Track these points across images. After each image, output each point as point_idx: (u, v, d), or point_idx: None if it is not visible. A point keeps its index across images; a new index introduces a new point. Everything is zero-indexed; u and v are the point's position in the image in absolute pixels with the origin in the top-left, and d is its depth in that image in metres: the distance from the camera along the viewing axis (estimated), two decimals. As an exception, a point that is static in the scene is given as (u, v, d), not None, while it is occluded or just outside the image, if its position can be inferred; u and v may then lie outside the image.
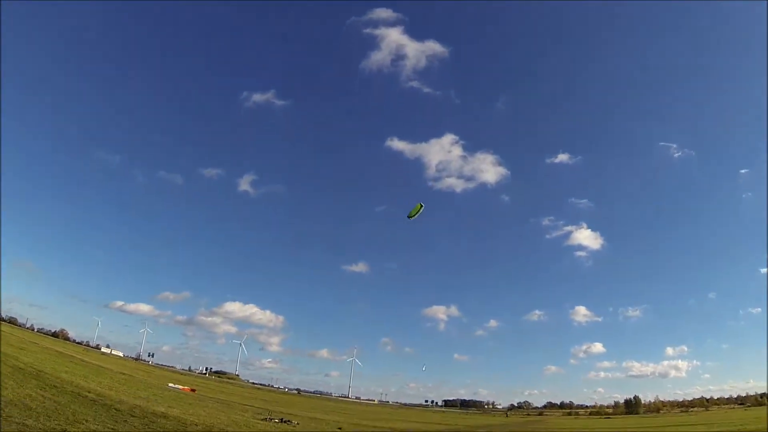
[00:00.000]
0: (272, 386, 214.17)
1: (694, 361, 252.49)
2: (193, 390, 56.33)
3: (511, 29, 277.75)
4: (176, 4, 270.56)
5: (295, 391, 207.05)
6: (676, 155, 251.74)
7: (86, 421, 17.09)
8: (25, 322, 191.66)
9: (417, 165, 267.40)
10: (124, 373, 58.12)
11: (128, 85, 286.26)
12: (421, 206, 30.07)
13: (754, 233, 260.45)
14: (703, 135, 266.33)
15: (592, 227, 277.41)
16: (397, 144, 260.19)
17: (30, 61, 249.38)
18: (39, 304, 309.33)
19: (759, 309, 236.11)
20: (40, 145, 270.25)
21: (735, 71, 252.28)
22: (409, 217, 30.58)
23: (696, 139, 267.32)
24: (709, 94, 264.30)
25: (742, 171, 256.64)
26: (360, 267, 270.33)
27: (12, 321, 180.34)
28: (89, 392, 26.81)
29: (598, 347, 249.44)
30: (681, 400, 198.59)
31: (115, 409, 22.15)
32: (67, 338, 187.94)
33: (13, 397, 18.36)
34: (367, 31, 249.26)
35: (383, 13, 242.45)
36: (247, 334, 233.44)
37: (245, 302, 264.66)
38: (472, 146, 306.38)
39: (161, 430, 19.24)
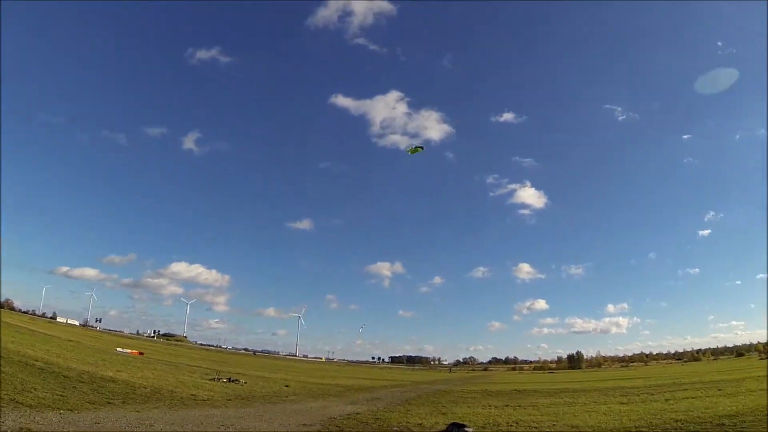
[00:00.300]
0: (220, 347, 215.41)
1: (635, 318, 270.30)
2: (141, 353, 57.18)
3: None
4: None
5: (249, 352, 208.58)
6: (621, 118, 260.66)
7: (34, 389, 18.06)
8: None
9: (362, 121, 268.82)
10: (71, 340, 58.17)
11: (67, 44, 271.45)
12: (422, 148, 31.25)
13: (694, 197, 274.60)
14: (648, 100, 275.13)
15: (536, 186, 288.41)
16: (342, 100, 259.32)
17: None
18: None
19: (696, 269, 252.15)
20: None
21: (681, 37, 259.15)
22: (410, 152, 31.85)
23: (640, 104, 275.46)
24: (655, 60, 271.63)
25: (685, 137, 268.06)
26: (304, 224, 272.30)
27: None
28: (36, 360, 27.46)
29: (541, 304, 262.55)
30: (622, 355, 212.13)
31: (64, 376, 23.11)
32: (12, 308, 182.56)
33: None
34: None
35: None
36: (193, 295, 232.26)
37: (191, 262, 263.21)
38: (417, 103, 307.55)
39: (110, 393, 20.34)
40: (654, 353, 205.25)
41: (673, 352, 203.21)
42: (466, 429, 17.55)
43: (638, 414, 22.08)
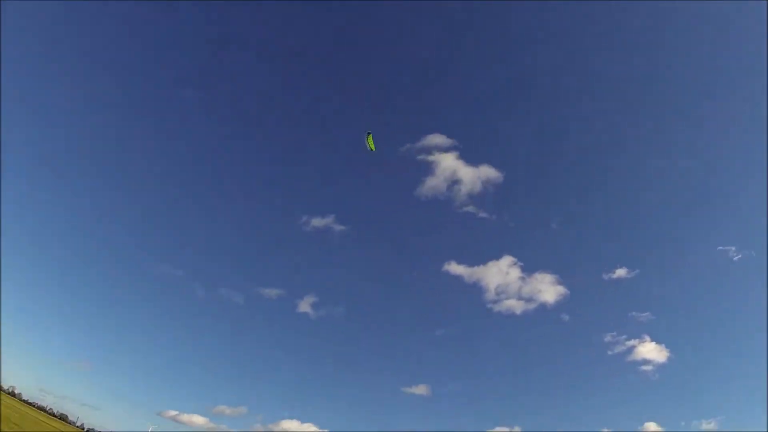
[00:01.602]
0: None
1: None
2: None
3: (561, 151, 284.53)
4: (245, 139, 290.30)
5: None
6: (736, 258, 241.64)
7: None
8: (75, 420, 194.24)
9: (476, 288, 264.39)
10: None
11: (193, 207, 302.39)
12: (370, 134, 30.60)
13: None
14: (763, 234, 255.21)
15: (656, 340, 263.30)
16: (456, 268, 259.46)
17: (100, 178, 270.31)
18: (91, 404, 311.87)
19: None
20: (106, 257, 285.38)
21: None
22: (371, 149, 31.07)
23: (755, 239, 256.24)
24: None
25: None
26: (421, 389, 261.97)
27: (63, 417, 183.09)
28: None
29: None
30: None
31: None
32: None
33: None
34: (422, 157, 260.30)
35: (437, 138, 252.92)
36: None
37: (303, 421, 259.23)
38: (530, 267, 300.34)
39: None
40: None
41: None
42: None
43: None
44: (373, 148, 31.27)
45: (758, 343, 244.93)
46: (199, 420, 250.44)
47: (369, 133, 30.54)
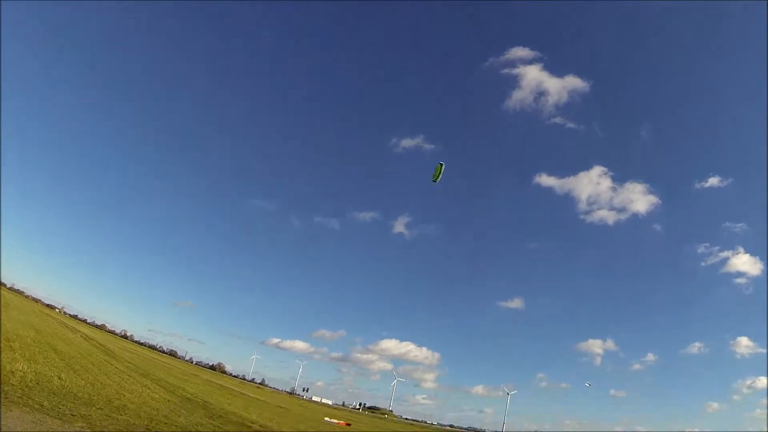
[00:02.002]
0: (425, 422, 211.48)
1: None
2: (348, 424, 55.90)
3: (648, 56, 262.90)
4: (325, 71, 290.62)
5: (455, 428, 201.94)
6: None
7: (253, 449, 16.08)
8: (184, 355, 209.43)
9: (567, 199, 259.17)
10: (281, 407, 59.26)
11: (281, 139, 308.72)
12: (442, 165, 27.44)
13: None
14: None
15: (750, 252, 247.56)
16: (546, 180, 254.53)
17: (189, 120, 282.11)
18: (198, 339, 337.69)
19: None
20: (202, 195, 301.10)
21: None
22: (434, 180, 28.19)
23: None
24: None
25: None
26: (515, 303, 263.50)
27: (172, 353, 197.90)
28: (252, 423, 26.97)
29: (764, 382, 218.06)
30: None
31: (279, 439, 21.31)
32: (223, 371, 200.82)
33: (186, 424, 18.59)
34: (506, 71, 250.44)
35: (520, 51, 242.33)
36: (401, 371, 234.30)
37: (401, 339, 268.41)
38: (620, 177, 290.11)
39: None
40: None
41: None
42: None
43: None
44: (437, 180, 28.14)
45: None
46: (300, 345, 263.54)
47: (441, 164, 27.35)
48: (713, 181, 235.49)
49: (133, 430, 14.90)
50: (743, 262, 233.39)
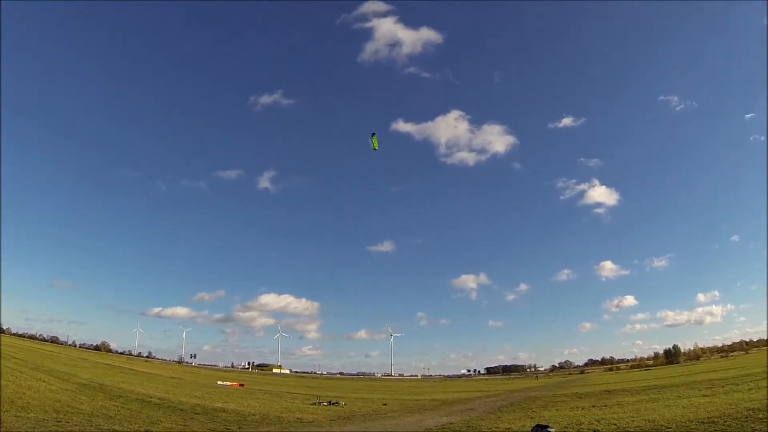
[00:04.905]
0: (314, 373, 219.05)
1: (728, 305, 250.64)
2: (241, 385, 58.95)
3: (497, 7, 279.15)
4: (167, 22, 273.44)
5: (344, 376, 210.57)
6: (678, 108, 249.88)
7: (160, 421, 19.22)
8: (66, 339, 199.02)
9: (427, 144, 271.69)
10: (173, 377, 61.10)
11: (144, 109, 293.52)
12: (374, 134, 31.62)
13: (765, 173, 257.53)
14: (703, 86, 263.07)
15: (606, 184, 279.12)
16: (403, 126, 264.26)
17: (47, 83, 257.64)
18: (79, 320, 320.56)
19: None
20: (64, 169, 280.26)
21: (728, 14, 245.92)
22: (374, 149, 32.10)
23: (696, 91, 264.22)
24: (704, 43, 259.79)
25: (748, 116, 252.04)
26: (386, 246, 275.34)
27: (54, 340, 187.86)
28: (151, 398, 29.19)
29: (629, 300, 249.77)
30: (720, 345, 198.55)
31: (180, 409, 24.43)
32: (109, 350, 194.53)
33: (92, 410, 20.60)
34: (359, 25, 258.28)
35: (374, 6, 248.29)
36: (280, 325, 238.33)
37: (279, 293, 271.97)
38: (477, 119, 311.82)
39: (225, 421, 21.24)
40: (755, 340, 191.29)
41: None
42: (549, 430, 18.07)
43: (715, 405, 22.43)
44: (376, 147, 30.83)
45: (701, 182, 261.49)
46: (181, 311, 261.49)
47: (374, 134, 30.17)
48: (566, 121, 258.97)
49: (46, 426, 16.26)
50: (600, 194, 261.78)
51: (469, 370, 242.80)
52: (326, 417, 26.25)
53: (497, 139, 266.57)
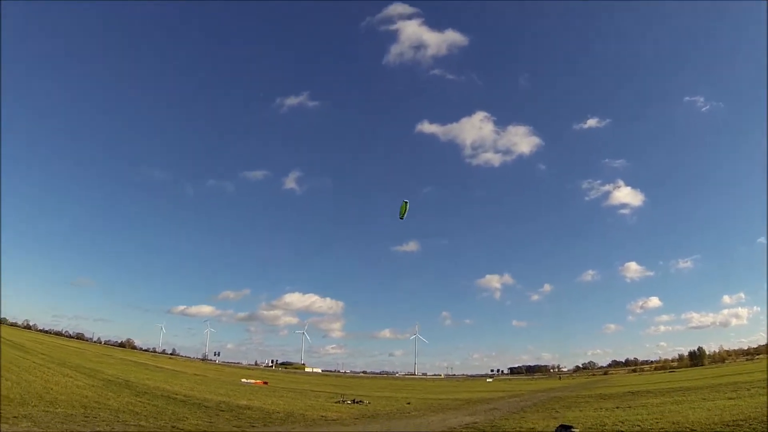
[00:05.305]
0: (338, 371, 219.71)
1: (755, 308, 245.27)
2: (265, 383, 59.09)
3: (523, 9, 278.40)
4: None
5: (368, 374, 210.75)
6: (704, 109, 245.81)
7: (186, 418, 19.16)
8: (92, 336, 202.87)
9: (452, 145, 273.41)
10: (198, 375, 61.60)
11: (170, 110, 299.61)
12: (406, 203, 30.97)
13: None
14: (730, 86, 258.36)
15: (632, 185, 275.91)
16: (428, 127, 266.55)
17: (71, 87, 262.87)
18: (104, 318, 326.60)
19: None
20: (95, 170, 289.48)
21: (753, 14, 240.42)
22: (400, 218, 31.31)
23: (722, 92, 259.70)
24: (730, 43, 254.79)
25: None
26: (411, 246, 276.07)
27: (79, 336, 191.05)
28: (176, 394, 29.30)
29: (654, 301, 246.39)
30: (746, 348, 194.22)
31: (205, 406, 24.42)
32: (133, 347, 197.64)
33: (119, 406, 20.69)
34: (384, 27, 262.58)
35: (399, 8, 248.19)
36: (307, 323, 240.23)
37: (304, 292, 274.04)
38: (502, 121, 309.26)
39: (249, 419, 21.12)
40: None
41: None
42: (572, 430, 17.89)
43: (741, 408, 22.23)
44: (403, 217, 30.29)
45: (727, 183, 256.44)
46: (206, 309, 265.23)
47: (406, 201, 29.68)
48: (591, 122, 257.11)
49: (75, 421, 16.30)
50: (625, 195, 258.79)
51: (492, 370, 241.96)
52: (350, 415, 26.04)
53: (522, 140, 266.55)
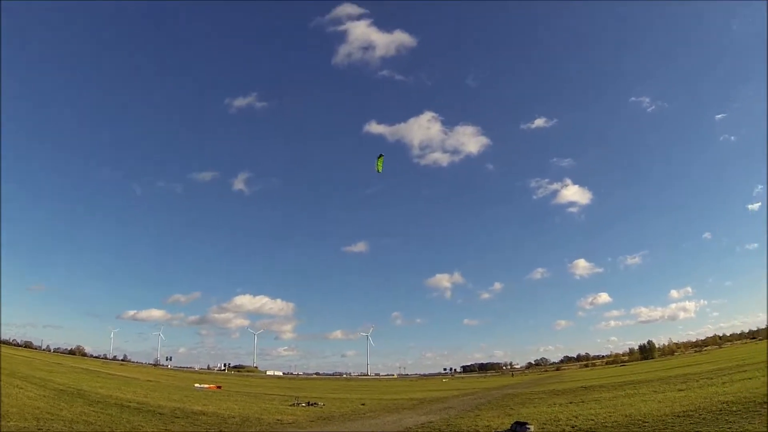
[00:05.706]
0: (291, 373, 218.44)
1: (701, 301, 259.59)
2: (218, 387, 58.80)
3: (468, 11, 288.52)
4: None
5: (320, 376, 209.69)
6: (650, 109, 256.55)
7: (141, 426, 19.49)
8: (40, 344, 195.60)
9: (400, 145, 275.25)
10: (150, 381, 60.72)
11: (111, 105, 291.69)
12: (381, 156, 31.77)
13: (736, 174, 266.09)
14: (675, 87, 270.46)
15: (579, 183, 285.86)
16: (376, 127, 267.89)
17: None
18: (54, 324, 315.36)
19: (755, 244, 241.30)
20: (40, 170, 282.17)
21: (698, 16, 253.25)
22: (378, 171, 32.12)
23: (667, 92, 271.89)
24: (675, 44, 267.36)
25: (718, 117, 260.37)
26: (360, 247, 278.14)
27: (28, 345, 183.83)
28: (130, 402, 29.15)
29: (603, 297, 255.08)
30: (694, 340, 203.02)
31: (159, 413, 24.57)
32: (84, 354, 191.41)
33: (72, 417, 20.62)
34: (333, 28, 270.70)
35: (348, 8, 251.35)
36: (259, 325, 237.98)
37: (255, 294, 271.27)
38: (450, 121, 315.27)
39: (205, 425, 21.56)
40: (728, 334, 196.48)
41: (747, 331, 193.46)
42: (527, 426, 18.74)
43: (690, 399, 23.36)
44: (380, 170, 30.92)
45: (672, 180, 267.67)
46: (156, 313, 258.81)
47: (381, 155, 30.38)
48: (539, 122, 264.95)
49: None
50: (573, 193, 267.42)
51: (445, 369, 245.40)
52: (306, 418, 26.71)
53: (470, 140, 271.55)
